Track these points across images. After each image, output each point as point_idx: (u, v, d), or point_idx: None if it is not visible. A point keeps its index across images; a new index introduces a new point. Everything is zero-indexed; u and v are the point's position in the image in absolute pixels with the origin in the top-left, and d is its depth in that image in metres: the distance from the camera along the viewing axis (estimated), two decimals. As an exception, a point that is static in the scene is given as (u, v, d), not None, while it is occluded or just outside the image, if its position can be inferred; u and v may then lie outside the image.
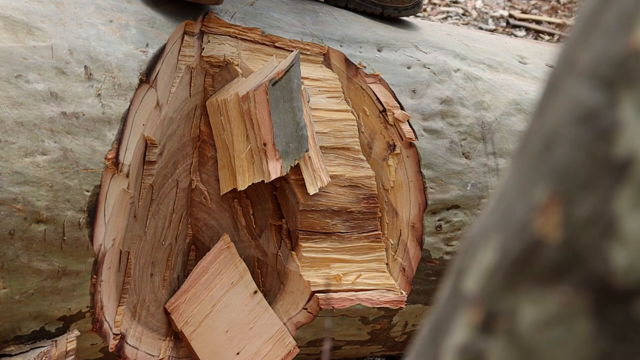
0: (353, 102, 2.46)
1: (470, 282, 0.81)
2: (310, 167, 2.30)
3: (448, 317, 0.83)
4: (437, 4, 4.90)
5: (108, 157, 2.12)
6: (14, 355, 2.09)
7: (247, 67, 2.35)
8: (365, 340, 2.54)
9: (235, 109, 2.28)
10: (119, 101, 2.16)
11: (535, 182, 0.77)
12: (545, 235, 0.75)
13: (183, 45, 2.29)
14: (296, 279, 2.37)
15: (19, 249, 2.04)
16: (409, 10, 2.66)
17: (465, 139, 2.51)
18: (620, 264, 0.72)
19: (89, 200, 2.10)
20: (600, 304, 0.73)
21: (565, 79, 0.79)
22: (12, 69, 2.07)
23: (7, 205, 2.02)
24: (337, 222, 2.41)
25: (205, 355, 2.31)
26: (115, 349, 2.20)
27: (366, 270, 2.42)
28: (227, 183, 2.33)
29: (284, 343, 2.37)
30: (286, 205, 2.39)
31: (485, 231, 0.81)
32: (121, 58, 2.19)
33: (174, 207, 2.31)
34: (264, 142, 2.24)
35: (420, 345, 0.87)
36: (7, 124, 2.03)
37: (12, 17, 2.13)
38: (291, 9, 2.53)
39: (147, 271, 2.28)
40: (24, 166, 2.04)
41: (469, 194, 2.50)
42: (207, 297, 2.32)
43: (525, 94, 2.64)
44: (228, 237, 2.37)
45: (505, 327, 0.77)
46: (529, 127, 0.82)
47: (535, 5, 4.95)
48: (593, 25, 0.78)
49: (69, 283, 2.10)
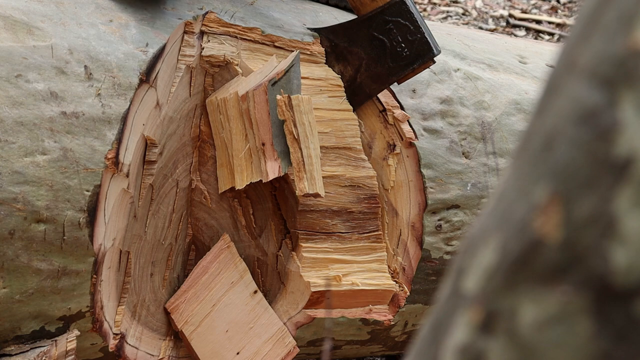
0: (353, 101, 2.46)
1: (470, 281, 0.81)
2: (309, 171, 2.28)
3: (448, 317, 0.82)
4: (437, 3, 4.90)
5: (108, 156, 2.12)
6: (14, 355, 2.09)
7: (247, 66, 2.35)
8: (365, 340, 2.54)
9: (235, 108, 2.28)
10: (119, 101, 2.16)
11: (535, 182, 0.77)
12: (545, 235, 0.75)
13: (183, 45, 2.29)
14: (296, 279, 2.37)
15: (19, 249, 2.04)
16: None
17: (465, 138, 2.51)
18: (620, 263, 0.72)
19: (89, 200, 2.10)
20: (600, 303, 0.73)
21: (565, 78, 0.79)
22: (12, 69, 2.07)
23: (7, 205, 2.02)
24: (337, 222, 2.41)
25: (205, 354, 2.31)
26: (115, 349, 2.20)
27: (367, 270, 2.42)
28: (225, 181, 2.33)
29: (284, 343, 2.37)
30: (285, 205, 2.39)
31: (485, 231, 0.81)
32: (121, 58, 2.19)
33: (174, 207, 2.31)
34: (262, 141, 2.24)
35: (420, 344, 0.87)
36: (7, 123, 2.04)
37: (12, 17, 2.13)
38: (291, 8, 2.53)
39: (147, 271, 2.28)
40: (24, 166, 2.04)
41: (469, 193, 2.50)
42: (207, 297, 2.32)
43: (525, 93, 2.64)
44: (228, 236, 2.37)
45: (505, 327, 0.77)
46: (529, 126, 0.82)
47: (535, 5, 4.95)
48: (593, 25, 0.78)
49: (69, 283, 2.10)
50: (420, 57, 2.38)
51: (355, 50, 2.41)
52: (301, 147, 2.24)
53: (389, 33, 2.38)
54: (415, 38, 2.37)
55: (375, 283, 2.42)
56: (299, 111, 2.25)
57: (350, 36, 2.42)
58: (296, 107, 2.24)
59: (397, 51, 2.38)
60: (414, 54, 2.38)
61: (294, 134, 2.24)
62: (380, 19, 2.38)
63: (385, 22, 2.38)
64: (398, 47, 2.38)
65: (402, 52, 2.37)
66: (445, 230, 2.49)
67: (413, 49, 2.37)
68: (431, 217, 2.47)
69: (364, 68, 2.41)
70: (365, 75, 2.42)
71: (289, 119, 2.24)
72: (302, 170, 2.25)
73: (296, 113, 2.25)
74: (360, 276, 2.41)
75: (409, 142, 2.46)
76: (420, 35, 2.37)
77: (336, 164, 2.41)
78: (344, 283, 2.40)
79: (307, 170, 2.25)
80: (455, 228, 2.50)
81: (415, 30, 2.37)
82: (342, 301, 2.41)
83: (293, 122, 2.24)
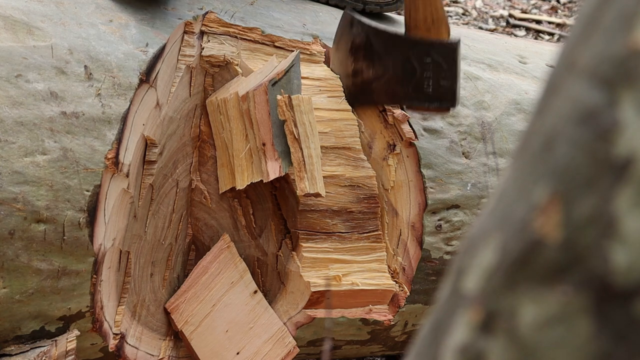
0: (353, 101, 2.46)
1: (470, 281, 0.81)
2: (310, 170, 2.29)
3: (448, 317, 0.82)
4: (437, 3, 4.89)
5: (108, 156, 2.12)
6: (14, 355, 2.09)
7: (247, 66, 2.35)
8: (365, 340, 2.54)
9: (235, 108, 2.28)
10: (118, 101, 2.16)
11: (535, 182, 0.77)
12: (545, 235, 0.75)
13: (183, 45, 2.29)
14: (296, 279, 2.37)
15: (19, 249, 2.04)
16: (390, 5, 2.65)
17: (465, 138, 2.51)
18: (620, 263, 0.72)
19: (89, 199, 2.10)
20: (601, 303, 0.73)
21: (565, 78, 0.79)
22: (12, 69, 2.07)
23: (7, 205, 2.02)
24: (337, 222, 2.41)
25: (205, 354, 2.31)
26: (115, 349, 2.20)
27: (367, 270, 2.42)
28: (225, 182, 2.33)
29: (284, 343, 2.37)
30: (286, 205, 2.39)
31: (485, 231, 0.81)
32: (121, 58, 2.19)
33: (174, 207, 2.31)
34: (263, 142, 2.24)
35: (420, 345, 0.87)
36: (7, 123, 2.04)
37: (12, 17, 2.13)
38: (291, 8, 2.53)
39: (147, 271, 2.28)
40: (24, 166, 2.04)
41: (469, 193, 2.50)
42: (207, 297, 2.32)
43: (526, 93, 2.64)
44: (228, 236, 2.37)
45: (505, 327, 0.77)
46: (529, 126, 0.82)
47: (535, 5, 4.95)
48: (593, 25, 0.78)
49: (69, 283, 2.10)
50: (439, 101, 2.37)
51: (386, 60, 2.39)
52: (302, 146, 2.24)
53: (425, 66, 2.37)
54: (446, 84, 2.36)
55: (375, 283, 2.42)
56: (300, 111, 2.25)
57: (389, 46, 2.39)
58: (296, 107, 2.24)
59: (422, 84, 2.37)
60: (435, 96, 2.37)
61: (295, 133, 2.24)
62: (424, 50, 2.36)
63: (427, 55, 2.37)
64: (425, 82, 2.37)
65: (427, 88, 2.37)
66: (445, 230, 2.49)
67: (437, 91, 2.37)
68: (431, 217, 2.47)
69: (385, 80, 2.40)
70: (382, 87, 2.40)
71: (289, 119, 2.24)
72: (302, 170, 2.25)
73: (296, 113, 2.25)
74: (360, 276, 2.41)
75: (409, 142, 2.46)
76: (451, 84, 2.37)
77: (336, 163, 2.40)
78: (344, 283, 2.40)
79: (308, 170, 2.25)
80: (455, 228, 2.50)
81: (450, 77, 2.37)
82: (342, 301, 2.41)
83: (293, 122, 2.24)
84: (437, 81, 2.36)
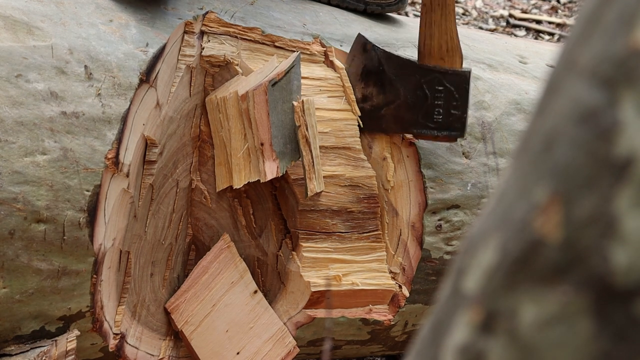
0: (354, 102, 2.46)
1: (470, 281, 0.81)
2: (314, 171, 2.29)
3: (448, 317, 0.82)
4: (437, 3, 4.89)
5: (108, 156, 2.12)
6: (14, 354, 2.09)
7: (247, 66, 2.35)
8: (366, 340, 2.54)
9: (234, 107, 2.28)
10: (119, 101, 2.16)
11: (536, 182, 0.77)
12: (545, 235, 0.75)
13: (183, 45, 2.29)
14: (297, 279, 2.37)
15: (19, 249, 2.04)
16: (392, 6, 2.65)
17: (465, 138, 2.51)
18: (621, 263, 0.72)
19: (89, 199, 2.10)
20: (601, 303, 0.73)
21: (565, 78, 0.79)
22: (12, 69, 2.07)
23: (7, 205, 2.02)
24: (337, 222, 2.41)
25: (205, 354, 2.31)
26: (115, 349, 2.20)
27: (367, 270, 2.42)
28: (223, 180, 2.33)
29: (284, 343, 2.37)
30: (286, 205, 2.39)
31: (485, 231, 0.81)
32: (121, 58, 2.19)
33: (174, 207, 2.31)
34: (261, 141, 2.24)
35: (421, 345, 0.87)
36: (7, 123, 2.04)
37: (12, 17, 2.13)
38: (291, 8, 2.53)
39: (147, 271, 2.28)
40: (24, 166, 2.04)
41: (469, 193, 2.51)
42: (207, 297, 2.32)
43: (526, 93, 2.64)
44: (228, 236, 2.37)
45: (505, 327, 0.77)
46: (529, 126, 0.82)
47: (535, 5, 4.95)
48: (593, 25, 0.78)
49: (69, 283, 2.10)
50: (448, 130, 2.38)
51: (397, 86, 2.39)
52: (311, 149, 2.26)
53: (437, 94, 2.37)
54: (456, 113, 2.37)
55: (375, 283, 2.42)
56: (309, 114, 2.27)
57: (401, 73, 2.39)
58: (307, 111, 2.26)
59: (433, 112, 2.38)
60: (445, 124, 2.38)
61: (307, 137, 2.25)
62: (436, 78, 2.37)
63: (439, 83, 2.37)
64: (436, 110, 2.38)
65: (437, 117, 2.37)
66: (445, 230, 2.49)
67: (447, 120, 2.38)
68: (431, 217, 2.47)
69: (394, 106, 2.40)
70: (391, 113, 2.40)
71: (302, 125, 2.25)
72: (312, 171, 2.26)
73: (307, 116, 2.26)
74: (360, 276, 2.41)
75: (409, 142, 2.46)
76: (461, 113, 2.38)
77: (336, 163, 2.41)
78: (344, 283, 2.40)
79: (316, 170, 2.27)
80: (455, 228, 2.50)
81: (460, 107, 2.38)
82: (342, 301, 2.41)
83: (306, 127, 2.25)
84: (448, 109, 2.37)
